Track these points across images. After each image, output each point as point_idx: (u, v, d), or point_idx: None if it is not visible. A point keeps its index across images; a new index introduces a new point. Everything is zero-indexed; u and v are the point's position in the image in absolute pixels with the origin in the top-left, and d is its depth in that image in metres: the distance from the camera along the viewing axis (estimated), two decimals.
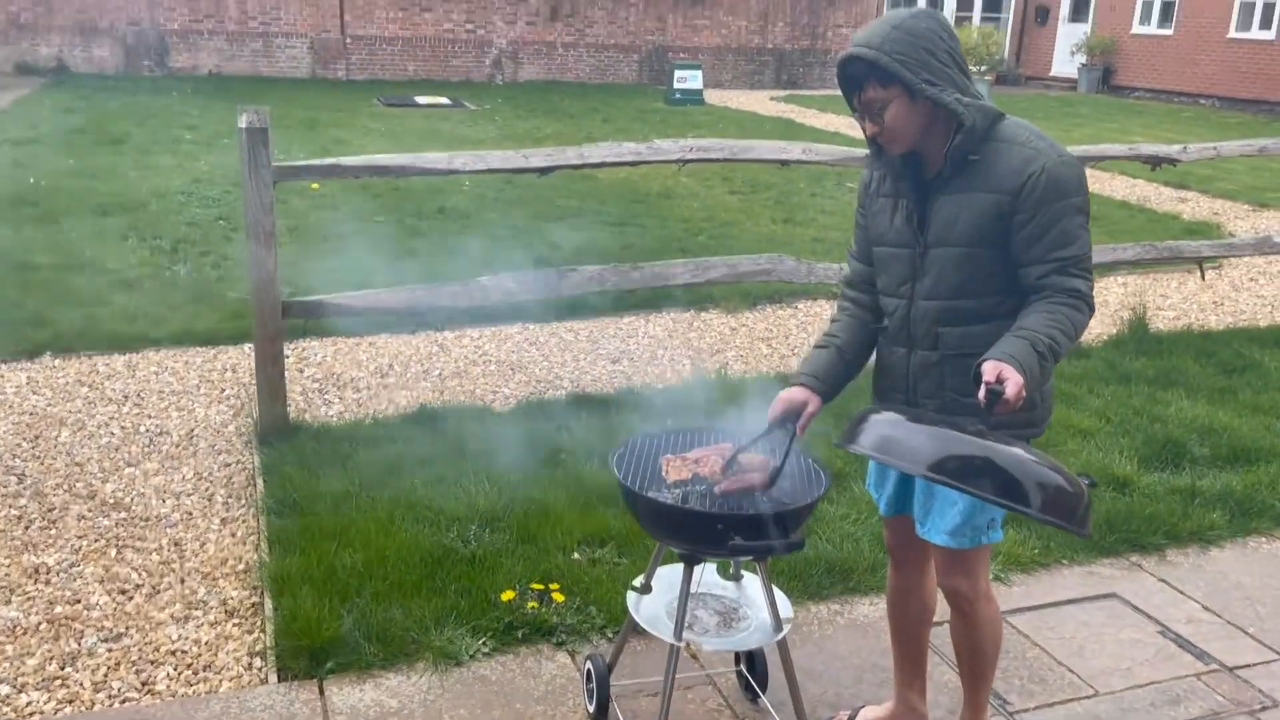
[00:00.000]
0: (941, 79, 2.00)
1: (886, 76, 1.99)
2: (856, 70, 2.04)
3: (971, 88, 2.05)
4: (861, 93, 2.05)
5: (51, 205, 7.66)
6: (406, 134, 12.55)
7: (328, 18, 18.98)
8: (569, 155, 4.83)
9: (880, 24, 2.03)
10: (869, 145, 2.17)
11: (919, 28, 2.00)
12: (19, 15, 17.31)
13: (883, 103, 2.03)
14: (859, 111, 2.10)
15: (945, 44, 2.01)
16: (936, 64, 1.99)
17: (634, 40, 20.93)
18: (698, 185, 9.76)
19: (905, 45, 1.98)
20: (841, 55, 2.08)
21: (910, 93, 2.00)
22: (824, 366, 2.31)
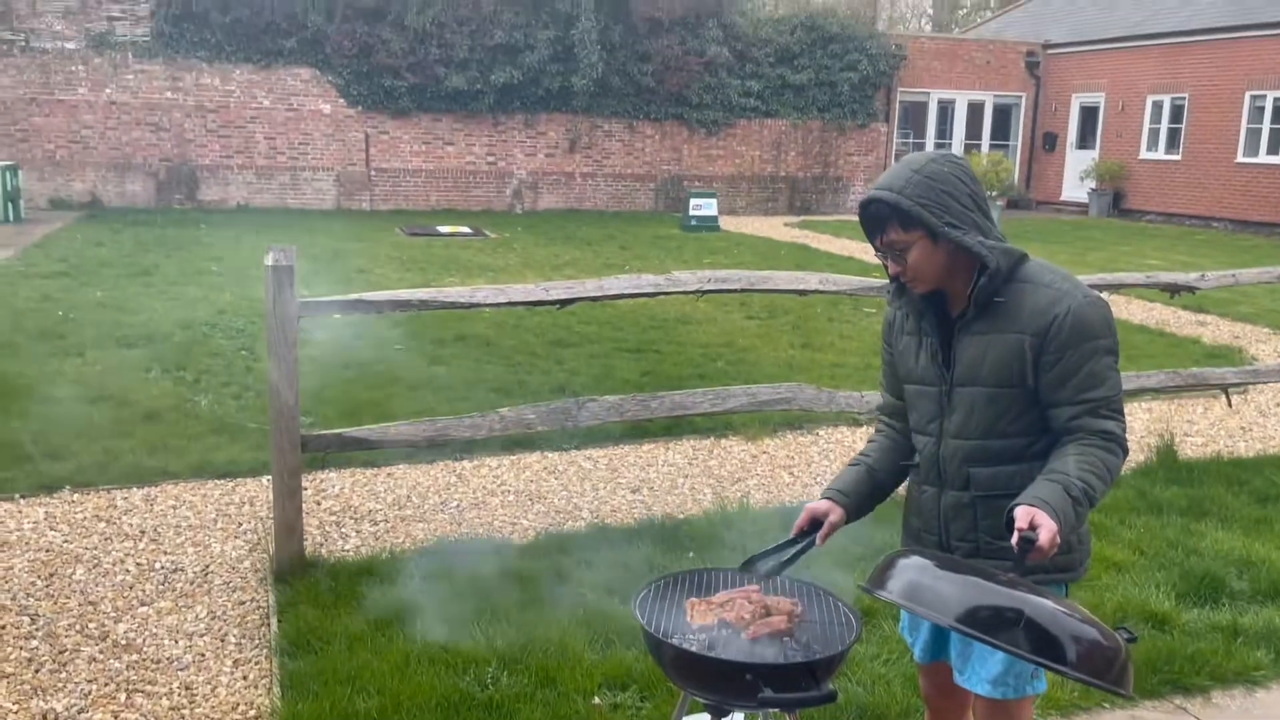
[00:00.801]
0: (964, 222, 2.01)
1: (909, 220, 2.01)
2: (879, 212, 2.06)
3: (994, 230, 2.07)
4: (884, 234, 2.07)
5: (78, 338, 7.78)
6: (429, 263, 12.80)
7: (353, 152, 19.65)
8: (588, 287, 4.88)
9: (902, 168, 2.06)
10: (891, 283, 2.18)
11: (941, 172, 2.03)
12: (55, 153, 18.00)
13: (905, 245, 2.05)
14: (881, 252, 2.11)
15: (967, 188, 2.04)
16: (958, 207, 2.01)
17: (650, 170, 21.51)
18: (715, 311, 9.85)
19: (927, 189, 2.00)
20: (863, 197, 2.11)
21: (933, 235, 2.02)
22: (852, 483, 2.30)
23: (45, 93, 17.82)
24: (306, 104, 19.22)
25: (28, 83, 17.70)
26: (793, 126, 22.19)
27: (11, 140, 17.71)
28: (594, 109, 20.67)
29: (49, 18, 17.99)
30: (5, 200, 15.53)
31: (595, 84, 20.01)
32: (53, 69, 17.82)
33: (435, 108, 19.76)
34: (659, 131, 21.38)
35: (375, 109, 19.49)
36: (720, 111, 21.47)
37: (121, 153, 18.35)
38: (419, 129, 19.96)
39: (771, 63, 21.64)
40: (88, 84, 18.02)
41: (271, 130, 19.12)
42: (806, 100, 22.06)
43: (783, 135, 22.20)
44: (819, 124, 22.33)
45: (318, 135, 19.41)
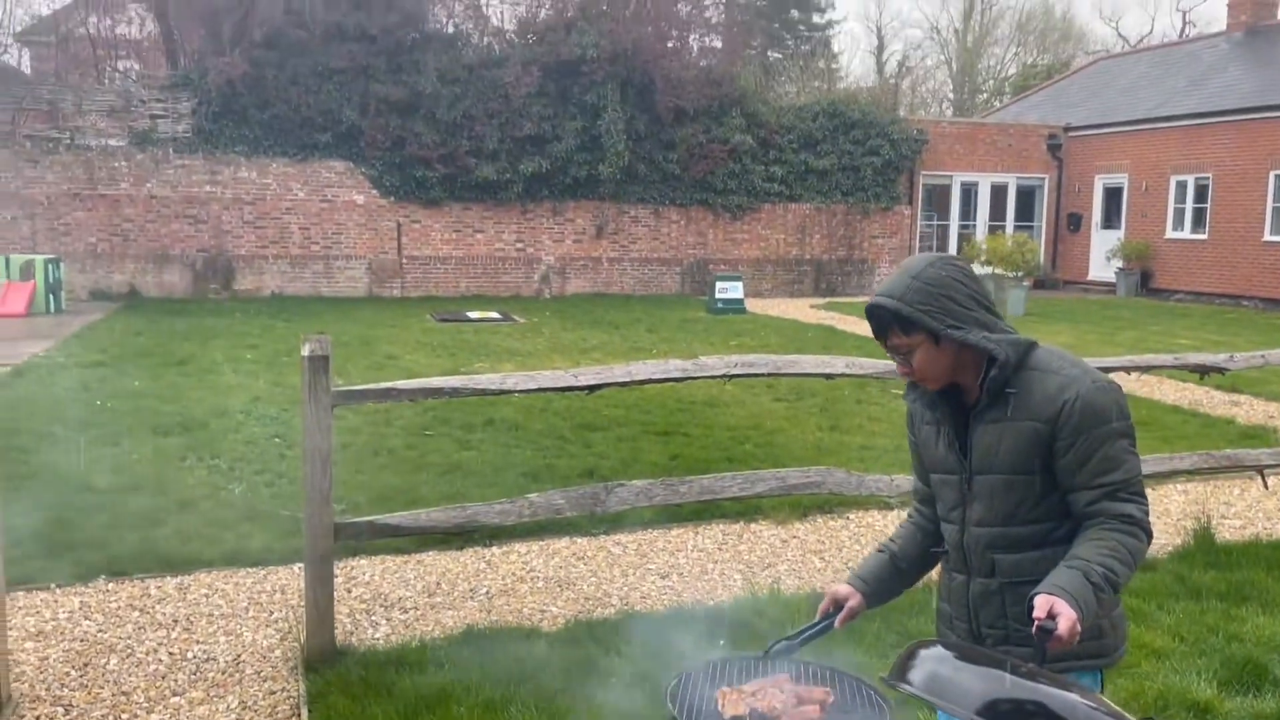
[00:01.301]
0: (965, 321, 2.06)
1: (909, 324, 2.07)
2: (882, 316, 2.12)
3: (999, 323, 2.11)
4: (888, 338, 2.13)
5: (115, 426, 7.92)
6: (458, 348, 12.96)
7: (386, 241, 20.07)
8: (616, 373, 4.94)
9: (900, 274, 2.12)
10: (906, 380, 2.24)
11: (939, 276, 2.08)
12: (96, 245, 18.51)
13: (909, 348, 2.10)
14: (889, 353, 2.17)
15: (966, 288, 2.09)
16: (959, 308, 2.06)
17: (676, 254, 21.79)
18: (742, 393, 9.87)
19: (924, 294, 2.06)
20: (867, 304, 2.17)
21: (935, 338, 2.06)
22: (874, 570, 2.34)
23: (89, 188, 18.41)
24: (340, 195, 19.72)
25: (72, 179, 18.31)
26: (817, 210, 22.47)
27: (55, 234, 18.25)
28: (621, 195, 21.06)
29: (94, 116, 18.69)
30: (47, 292, 15.96)
31: (622, 172, 20.43)
32: (96, 165, 18.44)
33: (465, 197, 20.22)
34: (684, 216, 21.72)
35: (407, 199, 19.97)
36: (745, 196, 21.81)
37: (160, 244, 18.85)
38: (449, 217, 20.39)
39: (795, 149, 22.03)
40: (130, 179, 18.61)
41: (306, 221, 19.61)
42: (830, 184, 22.38)
43: (807, 219, 22.47)
44: (843, 207, 22.61)
45: (351, 225, 19.87)
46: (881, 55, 49.09)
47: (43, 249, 17.85)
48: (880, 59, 48.92)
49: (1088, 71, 29.67)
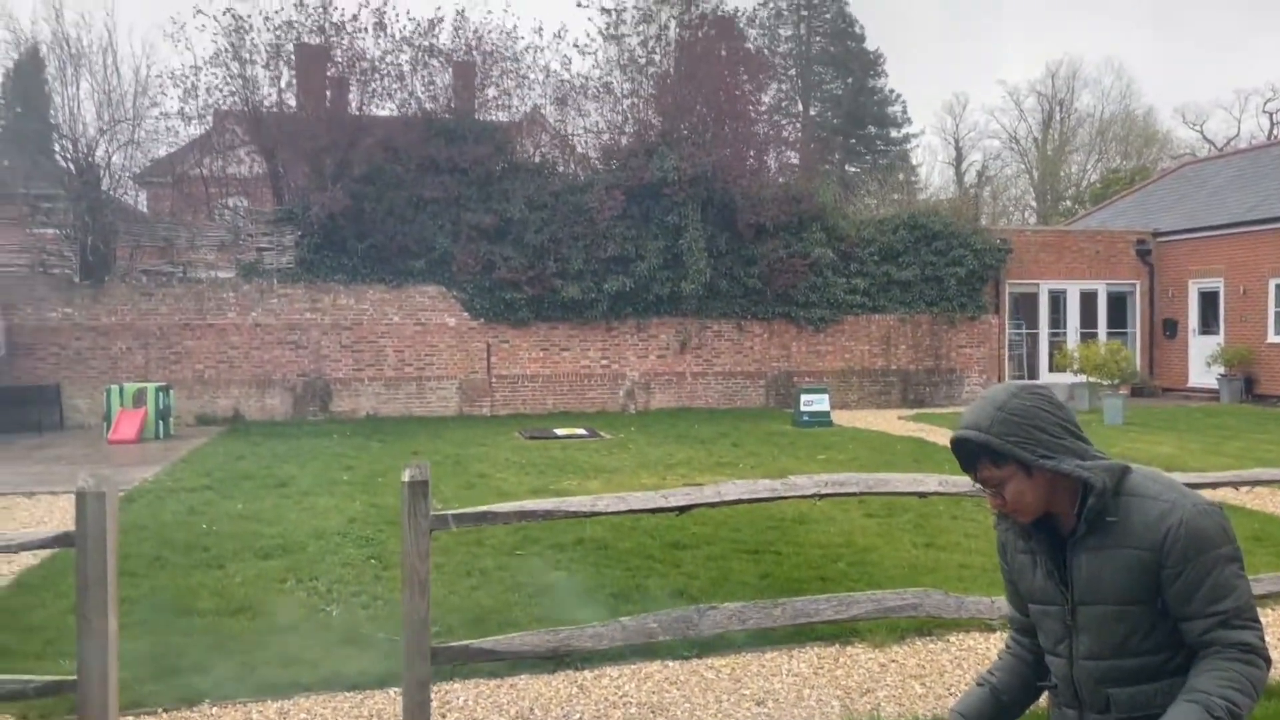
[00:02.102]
0: (1056, 449, 2.04)
1: (999, 457, 2.06)
2: (969, 449, 2.11)
3: (1090, 449, 2.08)
4: (977, 471, 2.11)
5: (219, 550, 8.17)
6: (547, 465, 13.09)
7: (475, 361, 20.59)
8: (706, 494, 4.96)
9: (984, 405, 2.10)
10: None
11: (1024, 406, 2.06)
12: (204, 372, 19.39)
13: (1000, 480, 2.08)
14: (979, 486, 2.15)
15: (1054, 417, 2.07)
16: (1048, 437, 2.04)
17: (760, 367, 21.85)
18: (833, 509, 9.73)
19: (1012, 425, 2.04)
20: (952, 437, 2.16)
21: (1026, 468, 2.05)
22: (976, 705, 2.28)
23: (198, 318, 19.42)
24: (433, 318, 20.40)
25: (183, 310, 19.35)
26: (901, 321, 22.40)
27: (166, 362, 19.21)
28: (703, 311, 21.34)
29: (205, 251, 19.84)
30: (157, 419, 16.71)
31: (704, 288, 20.74)
32: (206, 296, 19.47)
33: (552, 316, 20.71)
34: (767, 330, 21.85)
35: (496, 320, 20.55)
36: (827, 309, 21.89)
37: (263, 370, 19.66)
38: (537, 337, 20.88)
39: (876, 261, 22.14)
40: (236, 308, 19.59)
41: (400, 344, 20.28)
42: (914, 295, 22.35)
43: (892, 330, 22.40)
44: (928, 318, 22.49)
45: (443, 346, 20.48)
46: (960, 166, 49.40)
47: (154, 377, 18.77)
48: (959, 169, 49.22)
49: (1174, 176, 29.36)
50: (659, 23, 21.86)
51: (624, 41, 21.91)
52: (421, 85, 21.30)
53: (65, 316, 18.87)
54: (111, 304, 19.06)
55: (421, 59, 21.18)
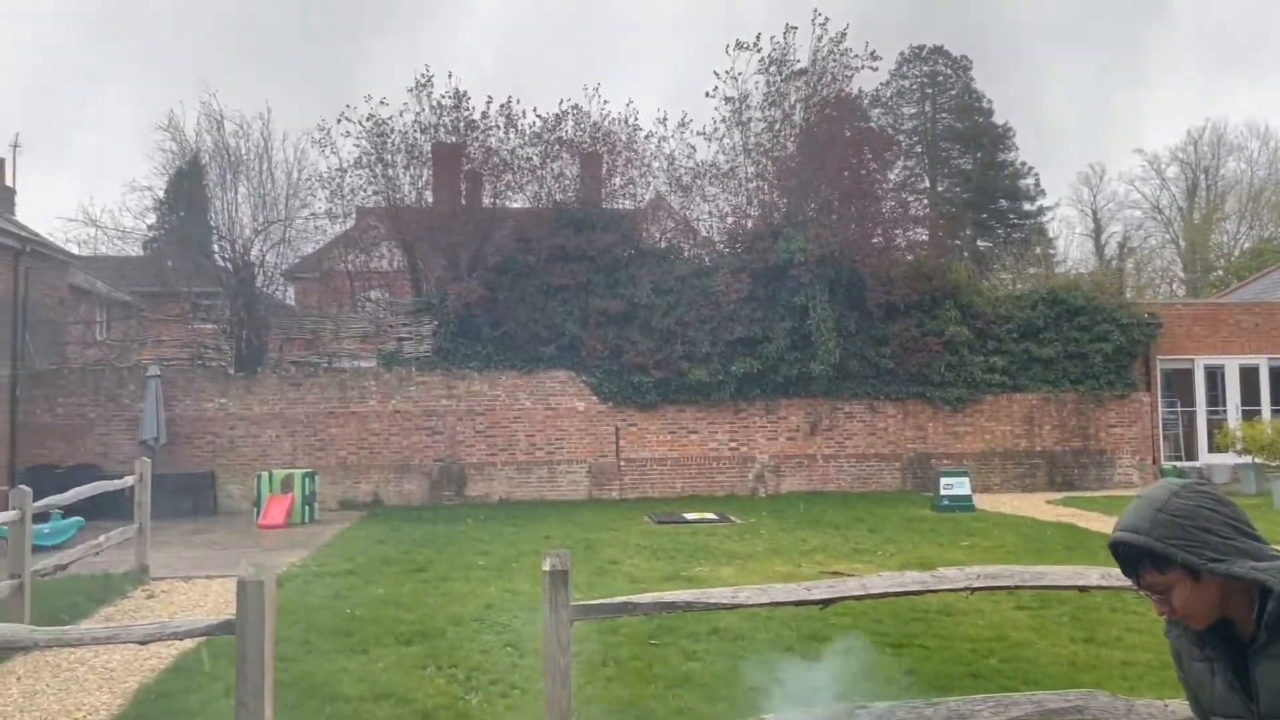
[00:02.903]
0: (1226, 552, 1.87)
1: (1163, 561, 1.90)
2: (1129, 554, 1.96)
3: (1265, 549, 1.91)
4: (1139, 576, 1.96)
5: (363, 635, 8.32)
6: (677, 551, 12.95)
7: (604, 444, 20.72)
8: (850, 586, 4.79)
9: (1143, 506, 1.95)
10: None
11: (1187, 507, 1.91)
12: (347, 458, 20.09)
13: (1165, 586, 1.92)
14: (1142, 592, 2.00)
15: (1220, 515, 1.91)
16: (1215, 539, 1.88)
17: (895, 449, 21.27)
18: (981, 600, 9.27)
19: (1175, 527, 1.89)
20: (1110, 540, 2.01)
21: (1193, 573, 1.88)
22: None
23: (342, 406, 20.21)
24: (563, 402, 20.70)
25: (328, 398, 20.18)
26: (1045, 399, 21.52)
27: (311, 449, 20.00)
28: (833, 392, 20.99)
29: (349, 342, 20.74)
30: (303, 504, 17.35)
31: (833, 369, 20.44)
32: (349, 385, 20.28)
33: (679, 399, 20.73)
34: (901, 410, 21.31)
35: (624, 403, 20.69)
36: (964, 388, 21.23)
37: (401, 455, 20.25)
38: (664, 419, 20.89)
39: (1015, 338, 21.44)
40: (377, 396, 20.31)
41: (531, 428, 20.61)
42: (1057, 373, 21.48)
43: (1034, 409, 21.53)
44: (1073, 396, 21.54)
45: (572, 430, 20.71)
46: (1100, 238, 47.74)
47: (300, 463, 19.55)
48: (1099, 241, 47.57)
49: None
50: (783, 107, 22.09)
51: (748, 127, 22.20)
52: (551, 177, 22.04)
53: (220, 406, 19.93)
54: (263, 394, 20.05)
55: (550, 152, 21.94)
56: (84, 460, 19.08)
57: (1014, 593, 9.48)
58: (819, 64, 21.91)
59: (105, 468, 18.34)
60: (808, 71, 21.91)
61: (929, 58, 46.77)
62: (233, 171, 22.03)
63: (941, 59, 46.87)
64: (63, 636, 4.33)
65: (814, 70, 21.92)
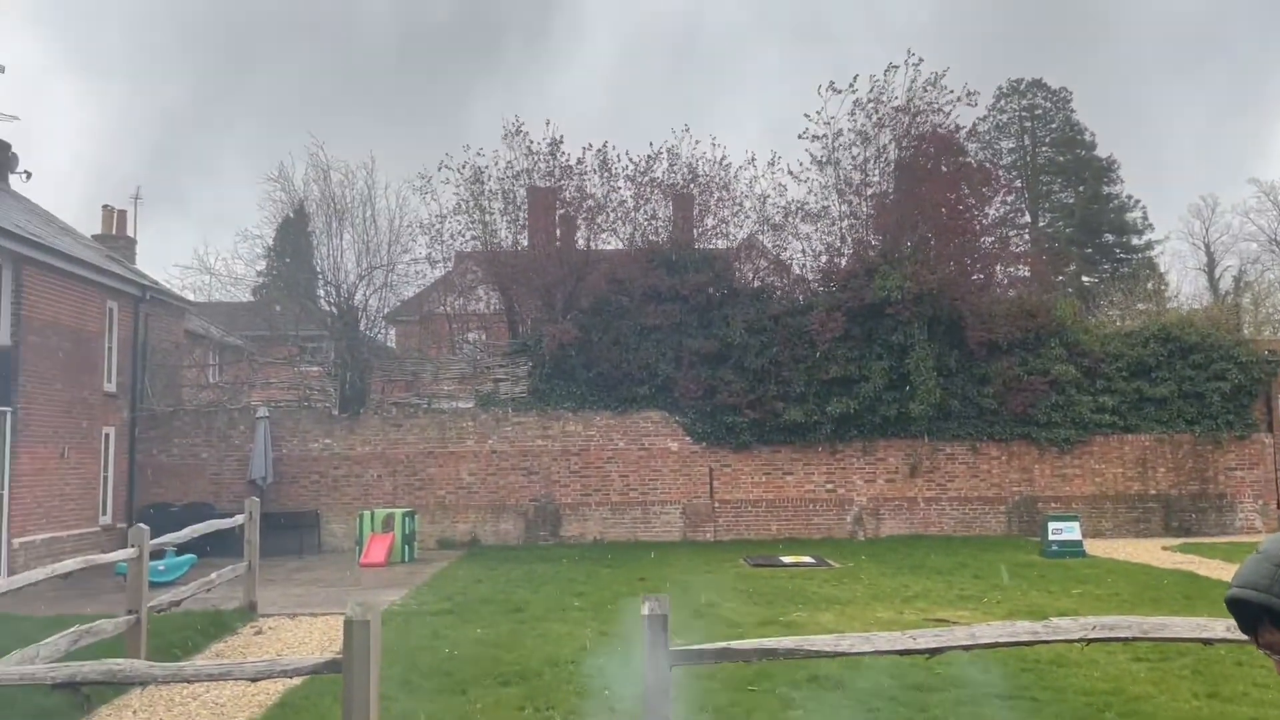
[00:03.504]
0: None
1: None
2: (1247, 611, 1.85)
3: None
4: (1259, 635, 1.85)
5: (461, 675, 8.38)
6: (775, 595, 12.74)
7: (699, 486, 20.61)
8: (958, 636, 4.64)
9: (1261, 561, 1.84)
10: None
11: None
12: (445, 498, 20.40)
13: None
14: (1262, 650, 1.87)
15: None
16: None
17: (999, 492, 20.63)
18: (1096, 651, 8.87)
19: None
20: (1227, 596, 1.90)
21: None
22: None
23: (440, 446, 20.58)
24: (656, 443, 20.69)
25: (427, 439, 20.58)
26: (1158, 441, 20.64)
27: (411, 489, 20.38)
28: (934, 433, 20.50)
29: (447, 383, 21.15)
30: (403, 543, 17.66)
31: (933, 409, 19.99)
32: (448, 426, 20.65)
33: (774, 440, 20.51)
34: (1005, 452, 20.68)
35: (718, 444, 20.56)
36: (1072, 429, 20.50)
37: (498, 495, 20.47)
38: (759, 461, 20.68)
39: (1125, 376, 20.66)
40: (475, 437, 20.63)
41: (625, 469, 20.63)
42: (1171, 413, 20.60)
43: (1148, 450, 20.66)
44: (1189, 437, 20.62)
45: (666, 471, 20.66)
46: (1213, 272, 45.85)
47: (400, 502, 19.93)
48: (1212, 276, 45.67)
49: None
50: (876, 144, 21.91)
51: (840, 165, 22.06)
52: (644, 218, 22.22)
53: (325, 447, 20.49)
54: (365, 434, 20.55)
55: (643, 194, 22.15)
56: (197, 499, 19.81)
57: (1131, 644, 9.05)
58: (914, 103, 21.71)
59: (217, 506, 19.02)
60: (902, 110, 21.74)
61: (1027, 91, 45.88)
62: (338, 219, 22.82)
63: (1040, 92, 45.93)
64: (179, 672, 4.47)
65: (909, 108, 21.73)
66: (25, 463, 16.03)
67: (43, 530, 16.46)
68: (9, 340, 15.89)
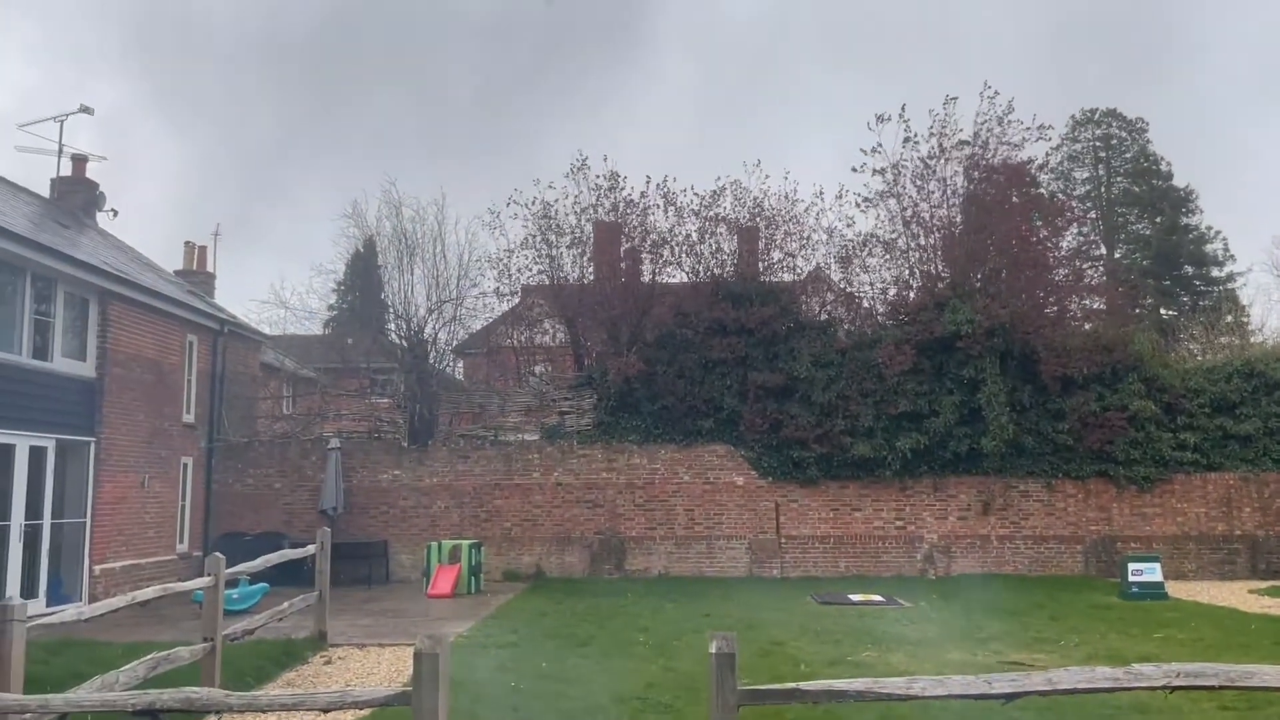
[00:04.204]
0: None
1: None
2: None
3: None
4: None
5: (528, 710, 8.36)
6: (843, 634, 12.52)
7: (765, 521, 20.40)
8: (1035, 681, 4.51)
9: None
10: None
11: None
12: (511, 530, 20.51)
13: None
14: None
15: None
16: None
17: (1076, 531, 20.06)
18: (1179, 699, 8.53)
19: None
20: None
21: None
22: None
23: (506, 478, 20.72)
24: (721, 477, 20.56)
25: (494, 471, 20.74)
26: (1244, 480, 19.90)
27: (477, 520, 20.53)
28: (1006, 469, 20.05)
29: (514, 416, 21.33)
30: (469, 575, 17.76)
31: (1006, 445, 19.56)
32: (514, 458, 20.80)
33: (842, 475, 20.24)
34: (1082, 490, 20.12)
35: (784, 479, 20.36)
36: (1151, 467, 19.88)
37: (563, 528, 20.51)
38: (826, 496, 20.43)
39: (1207, 413, 20.01)
40: (540, 469, 20.73)
41: (690, 503, 20.53)
42: (1257, 451, 19.87)
43: (1233, 490, 19.93)
44: (1276, 476, 19.84)
45: (731, 506, 20.50)
46: None
47: (467, 534, 20.08)
48: None
49: None
50: (939, 176, 21.69)
51: (904, 197, 21.87)
52: (709, 252, 22.25)
53: (394, 478, 20.77)
54: (433, 466, 20.79)
55: (708, 228, 22.19)
56: (270, 528, 20.19)
57: (1217, 692, 8.68)
58: (982, 135, 21.49)
59: (289, 535, 19.35)
60: (970, 143, 21.52)
61: (1102, 121, 45.09)
62: (409, 254, 23.27)
63: (1115, 121, 45.09)
64: (254, 701, 4.54)
65: (977, 141, 21.51)
66: (107, 491, 16.52)
67: (122, 558, 16.92)
68: (94, 372, 16.46)
